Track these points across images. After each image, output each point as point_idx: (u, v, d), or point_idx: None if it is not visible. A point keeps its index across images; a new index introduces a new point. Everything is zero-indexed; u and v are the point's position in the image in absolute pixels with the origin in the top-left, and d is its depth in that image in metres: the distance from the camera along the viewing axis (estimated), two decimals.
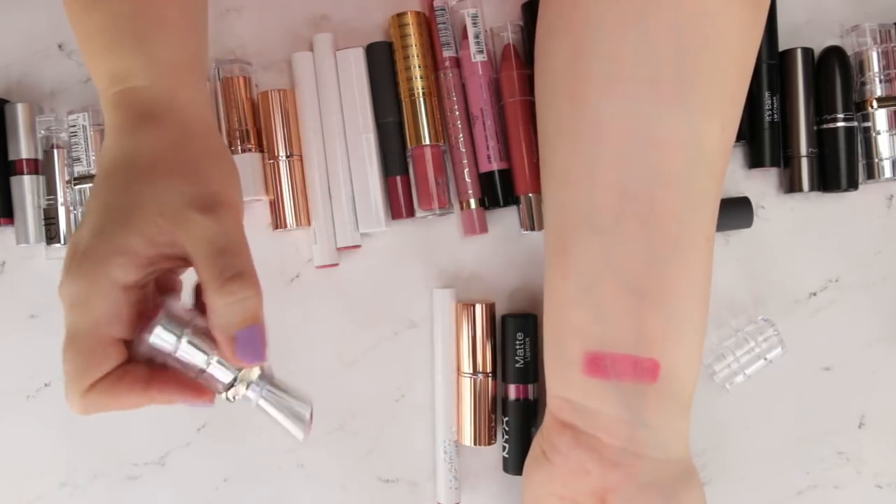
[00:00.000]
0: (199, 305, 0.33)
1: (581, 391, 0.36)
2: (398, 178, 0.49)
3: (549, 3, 0.38)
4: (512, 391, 0.46)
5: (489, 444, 0.47)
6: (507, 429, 0.47)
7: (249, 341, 0.30)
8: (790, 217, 0.48)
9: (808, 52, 0.46)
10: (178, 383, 0.31)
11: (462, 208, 0.48)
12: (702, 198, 0.35)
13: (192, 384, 0.32)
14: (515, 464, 0.46)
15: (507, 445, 0.47)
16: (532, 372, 0.46)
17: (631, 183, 0.34)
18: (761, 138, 0.46)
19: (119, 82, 0.34)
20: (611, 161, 0.34)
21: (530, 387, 0.46)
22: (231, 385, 0.32)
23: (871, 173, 0.46)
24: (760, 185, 0.48)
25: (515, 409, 0.46)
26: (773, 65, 0.46)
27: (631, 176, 0.34)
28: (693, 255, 0.35)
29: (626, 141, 0.34)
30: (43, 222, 0.51)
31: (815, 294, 0.47)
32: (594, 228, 0.35)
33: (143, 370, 0.31)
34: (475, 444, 0.47)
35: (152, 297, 0.33)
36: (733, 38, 0.34)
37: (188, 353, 0.31)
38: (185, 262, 0.31)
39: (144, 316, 0.31)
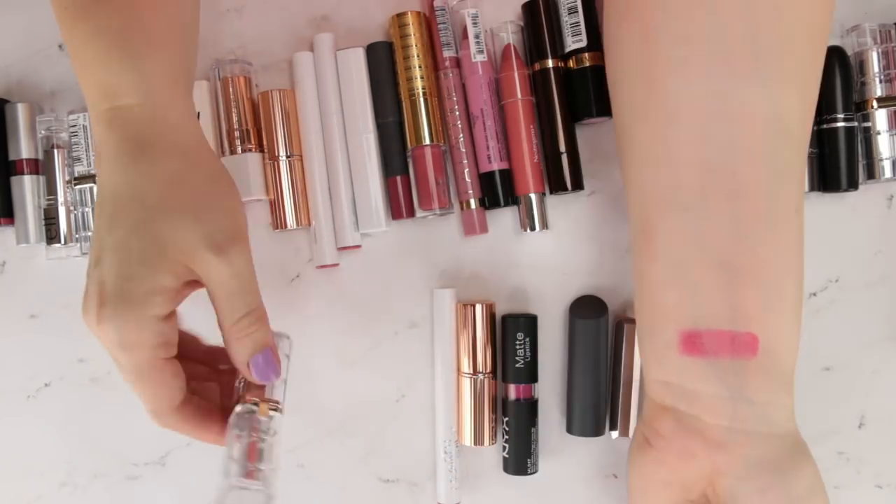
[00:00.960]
0: None
1: (679, 372, 0.35)
2: (398, 178, 0.49)
3: None
4: (512, 391, 0.46)
5: (490, 444, 0.47)
6: (507, 429, 0.47)
7: (261, 365, 0.36)
8: None
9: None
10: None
11: (462, 208, 0.48)
12: (787, 169, 0.34)
13: None
14: (515, 464, 0.46)
15: (507, 445, 0.47)
16: (532, 372, 0.46)
17: (713, 159, 0.34)
18: None
19: (109, 98, 0.35)
20: (691, 139, 0.34)
21: (530, 387, 0.46)
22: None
23: (871, 173, 0.46)
24: None
25: (515, 409, 0.46)
26: None
27: (712, 152, 0.34)
28: (782, 227, 0.34)
29: (705, 119, 0.34)
30: (43, 222, 0.51)
31: (815, 294, 0.47)
32: (679, 207, 0.35)
33: (220, 413, 0.38)
34: (475, 444, 0.47)
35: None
36: (804, 6, 0.33)
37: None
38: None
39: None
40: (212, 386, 0.40)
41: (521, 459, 0.46)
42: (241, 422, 0.35)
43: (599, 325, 0.45)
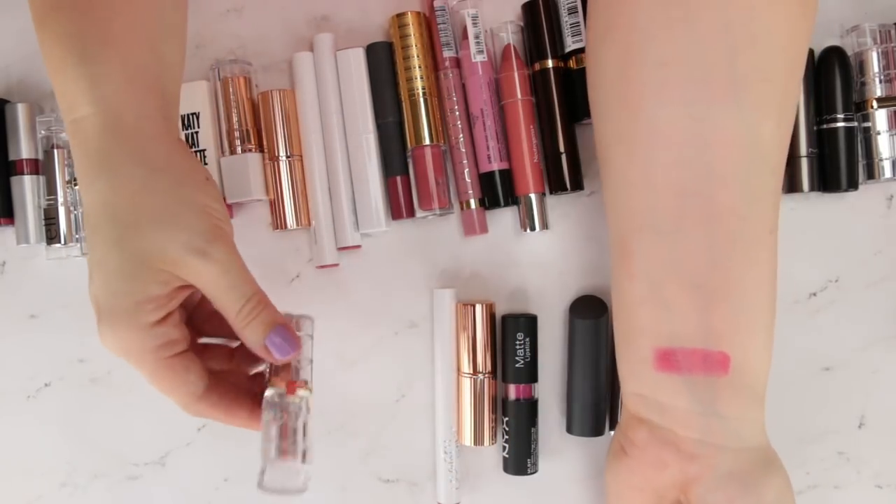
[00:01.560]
0: None
1: (653, 387, 0.37)
2: (398, 178, 0.49)
3: (596, 10, 0.38)
4: (512, 391, 0.46)
5: (490, 444, 0.47)
6: (507, 429, 0.47)
7: (279, 343, 0.36)
8: (790, 217, 0.48)
9: (808, 52, 0.46)
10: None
11: (462, 208, 0.48)
12: (761, 192, 0.35)
13: None
14: (515, 464, 0.46)
15: (507, 445, 0.47)
16: (532, 372, 0.46)
17: (689, 183, 0.34)
18: None
19: (70, 111, 0.34)
20: (668, 163, 0.35)
21: (530, 387, 0.46)
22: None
23: (871, 173, 0.46)
24: None
25: (515, 409, 0.46)
26: None
27: (689, 176, 0.34)
28: (756, 248, 0.35)
29: (682, 143, 0.34)
30: (43, 222, 0.51)
31: (815, 294, 0.47)
32: (655, 230, 0.36)
33: (249, 397, 0.38)
34: (475, 444, 0.47)
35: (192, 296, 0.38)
36: (782, 33, 0.34)
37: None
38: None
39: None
40: (241, 368, 0.41)
41: (521, 459, 0.46)
42: (271, 405, 0.36)
43: (599, 326, 0.45)
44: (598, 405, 0.46)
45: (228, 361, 0.40)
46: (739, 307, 0.35)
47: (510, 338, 0.46)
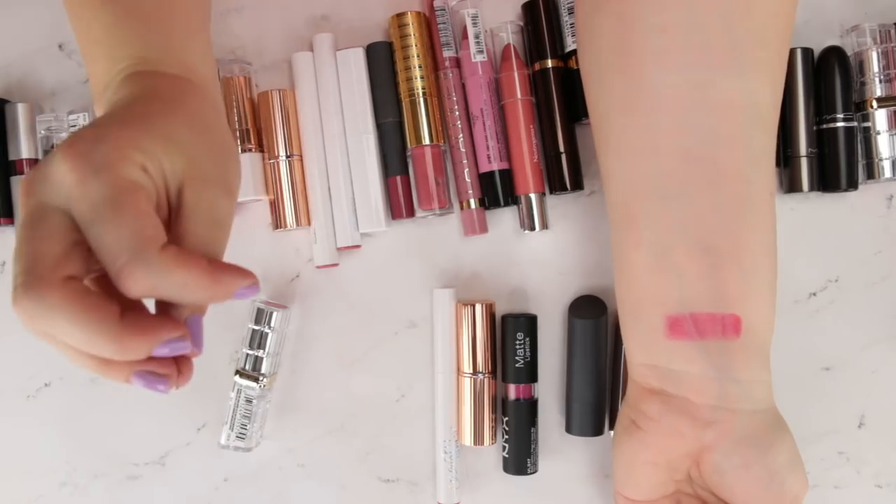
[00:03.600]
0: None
1: (666, 355, 0.36)
2: (398, 178, 0.49)
3: None
4: (512, 391, 0.46)
5: (490, 443, 0.47)
6: (506, 429, 0.47)
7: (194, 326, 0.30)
8: (790, 217, 0.48)
9: (807, 52, 0.46)
10: (235, 268, 0.30)
11: (462, 208, 0.48)
12: (762, 154, 0.36)
13: (243, 269, 0.30)
14: (515, 464, 0.46)
15: (507, 445, 0.47)
16: (532, 372, 0.46)
17: (694, 148, 0.35)
18: None
19: (149, 65, 0.34)
20: (671, 128, 0.35)
21: (530, 386, 0.46)
22: None
23: (871, 173, 0.46)
24: None
25: (515, 409, 0.46)
26: None
27: (693, 141, 0.35)
28: (760, 209, 0.36)
29: (684, 108, 0.35)
30: None
31: (815, 294, 0.47)
32: (661, 195, 0.36)
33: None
34: (475, 444, 0.47)
35: None
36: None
37: None
38: (161, 216, 0.29)
39: None
40: None
41: (521, 459, 0.46)
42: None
43: (599, 325, 0.45)
44: (597, 405, 0.46)
45: None
46: (748, 268, 0.35)
47: (510, 338, 0.46)
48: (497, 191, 0.47)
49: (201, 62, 0.37)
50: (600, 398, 0.46)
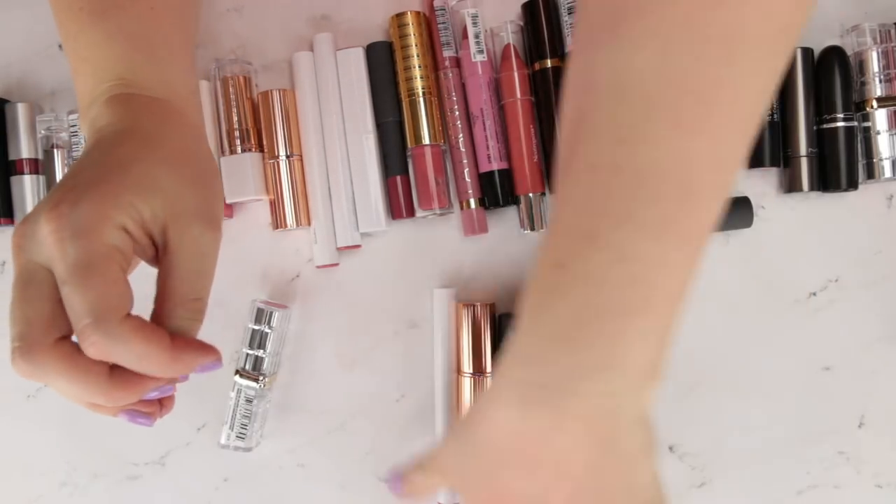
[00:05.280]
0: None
1: None
2: (398, 178, 0.49)
3: None
4: None
5: None
6: None
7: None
8: (790, 217, 0.48)
9: (807, 51, 0.46)
10: (197, 345, 0.31)
11: (462, 208, 0.48)
12: (634, 136, 0.28)
13: (206, 346, 0.32)
14: None
15: None
16: None
17: (571, 135, 0.30)
18: (761, 138, 0.46)
19: (131, 87, 0.35)
20: (566, 117, 0.31)
21: None
22: None
23: (871, 173, 0.46)
24: (760, 185, 0.48)
25: None
26: None
27: (571, 128, 0.30)
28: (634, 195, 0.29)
29: (573, 92, 0.31)
30: None
31: (815, 294, 0.47)
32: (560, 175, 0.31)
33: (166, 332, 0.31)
34: None
35: None
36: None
37: None
38: (148, 254, 0.32)
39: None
40: None
41: None
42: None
43: None
44: None
45: None
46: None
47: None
48: (497, 191, 0.47)
49: (182, 82, 0.37)
50: None
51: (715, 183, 0.27)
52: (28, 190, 0.51)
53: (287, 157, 0.49)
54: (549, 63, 0.47)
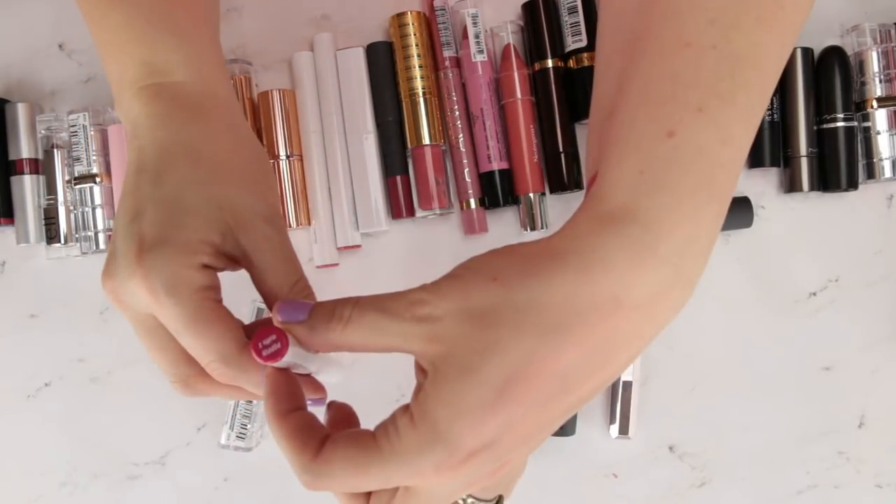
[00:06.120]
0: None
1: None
2: (398, 177, 0.49)
3: None
4: None
5: None
6: None
7: (286, 304, 0.30)
8: (790, 217, 0.48)
9: (807, 51, 0.46)
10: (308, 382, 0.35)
11: (462, 208, 0.48)
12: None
13: (315, 384, 0.35)
14: None
15: None
16: None
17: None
18: (761, 138, 0.46)
19: (154, 75, 0.34)
20: None
21: None
22: None
23: (871, 173, 0.46)
24: (760, 185, 0.48)
25: None
26: None
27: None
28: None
29: None
30: (43, 222, 0.51)
31: (815, 294, 0.47)
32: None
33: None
34: None
35: None
36: None
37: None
38: (234, 264, 0.33)
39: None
40: None
41: None
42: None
43: None
44: None
45: None
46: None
47: None
48: (497, 190, 0.47)
49: (208, 57, 0.36)
50: None
51: (774, 82, 0.28)
52: (28, 190, 0.51)
53: (287, 157, 0.49)
54: (549, 63, 0.47)
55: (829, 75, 0.46)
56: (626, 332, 0.25)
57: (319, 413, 0.34)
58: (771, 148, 0.46)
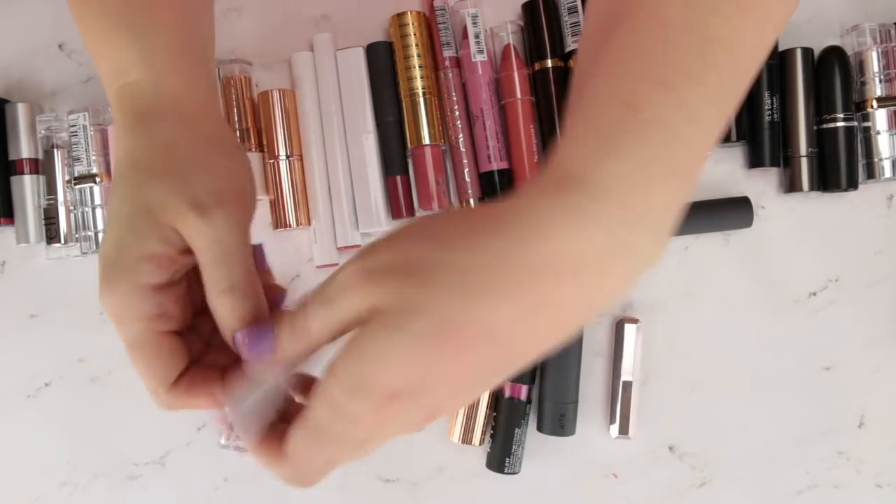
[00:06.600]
0: None
1: None
2: (398, 177, 0.49)
3: None
4: (507, 388, 0.46)
5: (479, 444, 0.47)
6: (494, 424, 0.46)
7: (250, 339, 0.31)
8: (790, 217, 0.48)
9: (807, 51, 0.46)
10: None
11: (462, 208, 0.48)
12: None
13: None
14: (496, 461, 0.46)
15: (492, 441, 0.46)
16: (529, 373, 0.46)
17: None
18: (761, 138, 0.46)
19: (118, 77, 0.34)
20: None
21: (522, 387, 0.46)
22: None
23: (871, 173, 0.46)
24: (760, 185, 0.48)
25: (505, 406, 0.46)
26: (773, 65, 0.46)
27: None
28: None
29: None
30: (43, 222, 0.51)
31: (815, 294, 0.47)
32: None
33: (217, 371, 0.33)
34: (463, 441, 0.47)
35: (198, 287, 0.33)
36: None
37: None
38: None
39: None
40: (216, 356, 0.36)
41: (500, 458, 0.46)
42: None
43: None
44: (566, 404, 0.46)
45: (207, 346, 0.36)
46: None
47: None
48: (497, 190, 0.47)
49: (175, 61, 0.35)
50: (572, 396, 0.46)
51: (751, 71, 0.28)
52: (28, 190, 0.51)
53: (287, 156, 0.49)
54: (549, 63, 0.47)
55: (829, 75, 0.46)
56: (564, 296, 0.24)
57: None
58: (771, 148, 0.46)
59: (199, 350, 0.35)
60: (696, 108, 0.26)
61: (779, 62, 0.47)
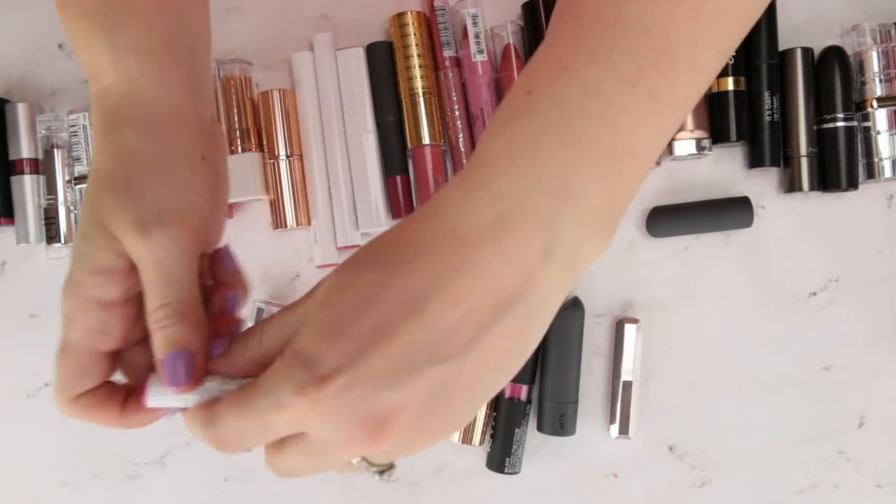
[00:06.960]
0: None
1: None
2: (398, 177, 0.49)
3: None
4: (507, 389, 0.46)
5: (479, 444, 0.47)
6: (494, 424, 0.46)
7: (170, 366, 0.30)
8: (790, 217, 0.48)
9: (807, 51, 0.46)
10: (149, 412, 0.32)
11: None
12: None
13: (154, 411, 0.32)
14: (496, 461, 0.46)
15: (492, 441, 0.46)
16: (529, 373, 0.46)
17: None
18: (761, 138, 0.46)
19: (95, 80, 0.34)
20: None
21: (522, 388, 0.46)
22: None
23: (871, 173, 0.46)
24: (760, 185, 0.48)
25: (505, 406, 0.46)
26: (773, 64, 0.46)
27: None
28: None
29: None
30: (43, 222, 0.51)
31: (815, 294, 0.47)
32: None
33: (122, 393, 0.32)
34: (463, 441, 0.47)
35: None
36: None
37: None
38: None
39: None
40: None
41: (500, 457, 0.46)
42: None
43: (573, 322, 0.45)
44: (566, 404, 0.46)
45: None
46: None
47: None
48: None
49: (147, 66, 0.34)
50: (572, 396, 0.46)
51: (691, 59, 0.28)
52: (28, 190, 0.51)
53: (287, 156, 0.49)
54: None
55: (828, 75, 0.46)
56: (472, 262, 0.26)
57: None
58: (771, 148, 0.46)
59: (142, 366, 0.33)
60: (597, 84, 0.27)
61: (779, 62, 0.47)
